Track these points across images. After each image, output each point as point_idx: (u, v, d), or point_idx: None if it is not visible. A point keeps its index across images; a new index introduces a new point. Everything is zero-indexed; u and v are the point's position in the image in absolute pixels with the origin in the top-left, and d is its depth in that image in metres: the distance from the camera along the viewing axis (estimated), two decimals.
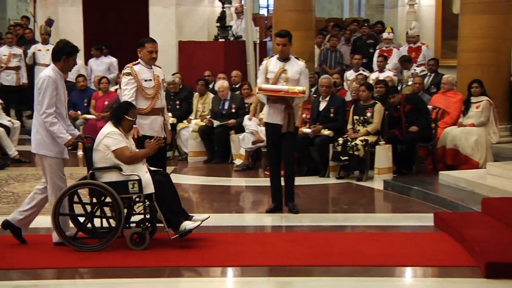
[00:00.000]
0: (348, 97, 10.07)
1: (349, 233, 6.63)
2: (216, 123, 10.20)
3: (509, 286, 4.93)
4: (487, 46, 9.85)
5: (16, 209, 6.01)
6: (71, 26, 13.70)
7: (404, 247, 5.83)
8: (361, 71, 11.29)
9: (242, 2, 14.25)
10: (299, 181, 8.85)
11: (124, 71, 6.63)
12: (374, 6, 18.50)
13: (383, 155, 8.82)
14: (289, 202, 7.11)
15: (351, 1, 24.03)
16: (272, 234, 6.41)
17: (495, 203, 6.46)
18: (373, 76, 10.98)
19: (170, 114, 9.03)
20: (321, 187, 8.63)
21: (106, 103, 11.17)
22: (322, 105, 9.31)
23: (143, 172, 5.79)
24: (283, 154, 7.08)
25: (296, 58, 7.05)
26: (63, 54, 5.79)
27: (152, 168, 6.01)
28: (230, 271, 5.40)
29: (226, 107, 10.37)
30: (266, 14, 19.06)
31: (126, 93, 6.49)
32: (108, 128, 5.89)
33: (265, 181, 8.32)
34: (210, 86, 11.39)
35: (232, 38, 12.93)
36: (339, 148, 8.84)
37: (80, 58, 12.87)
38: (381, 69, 11.15)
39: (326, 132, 9.07)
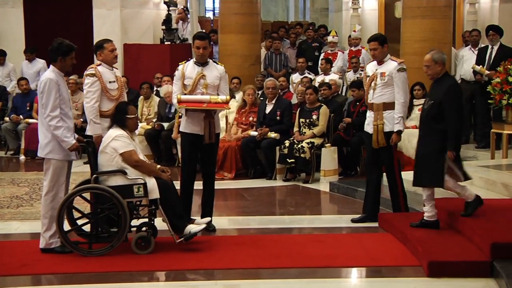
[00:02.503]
0: (294, 100, 10.15)
1: (296, 235, 6.69)
2: (165, 125, 10.15)
3: (451, 285, 5.06)
4: (428, 49, 10.04)
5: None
6: (12, 28, 13.38)
7: (349, 248, 5.91)
8: (306, 74, 11.40)
9: (188, 4, 14.21)
10: (246, 183, 8.92)
11: (88, 72, 6.40)
12: (319, 10, 18.72)
13: (329, 157, 8.93)
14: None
15: (296, 4, 24.24)
16: (219, 237, 6.40)
17: (437, 204, 6.60)
18: (318, 79, 11.07)
19: None
20: (268, 190, 8.68)
21: None
22: (269, 108, 9.38)
23: (148, 176, 5.78)
24: (204, 167, 6.63)
25: (214, 62, 6.65)
26: (58, 54, 5.70)
27: None
28: (176, 274, 5.36)
29: (172, 110, 10.34)
30: (212, 17, 19.03)
31: (90, 96, 6.28)
32: (115, 131, 5.85)
33: (220, 184, 8.33)
34: (158, 89, 11.33)
35: (178, 41, 12.89)
36: (285, 151, 8.91)
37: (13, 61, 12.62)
38: (326, 72, 11.27)
39: (272, 134, 9.14)
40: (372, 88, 6.65)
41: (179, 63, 6.66)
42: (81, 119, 10.15)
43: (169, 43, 12.80)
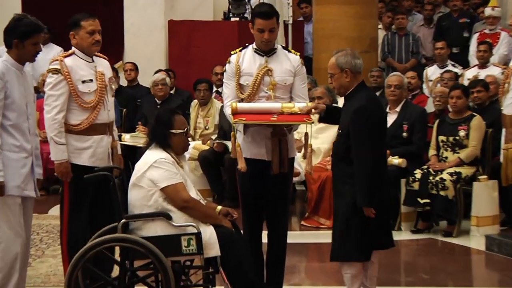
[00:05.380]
0: (430, 107, 10.08)
1: None
2: (230, 146, 10.23)
3: None
4: None
5: None
6: (7, 2, 13.80)
7: None
8: (449, 67, 11.31)
9: None
10: None
11: (50, 66, 6.50)
12: None
13: (485, 196, 8.85)
14: None
15: None
16: None
17: None
18: (469, 74, 10.98)
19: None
20: None
21: None
22: (390, 119, 9.30)
23: (204, 223, 5.85)
24: (270, 208, 6.57)
25: (285, 49, 6.65)
26: (15, 36, 5.82)
27: None
28: None
29: None
30: None
31: (51, 102, 6.39)
32: (155, 154, 5.91)
33: (302, 236, 8.36)
34: (220, 90, 11.43)
35: (251, 17, 13.04)
36: (415, 186, 8.90)
37: None
38: (483, 64, 11.14)
39: (395, 160, 9.11)
40: (506, 91, 6.54)
41: (231, 53, 6.66)
42: None
43: (237, 19, 12.92)
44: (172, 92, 11.56)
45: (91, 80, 6.49)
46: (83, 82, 6.45)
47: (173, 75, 11.94)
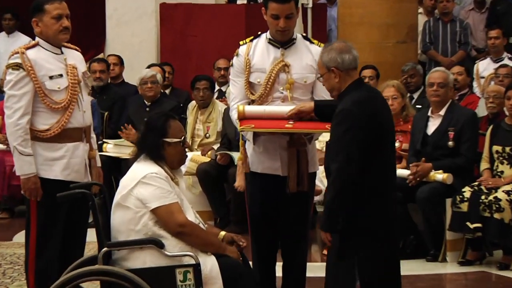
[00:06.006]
0: (482, 110, 10.01)
1: None
2: (235, 157, 10.14)
3: None
4: None
5: None
6: None
7: None
8: (506, 60, 11.26)
9: None
10: None
11: (10, 61, 6.49)
12: None
13: None
14: None
15: None
16: None
17: None
18: None
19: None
20: (432, 280, 8.68)
21: None
22: (433, 125, 9.37)
23: (203, 252, 5.86)
24: (285, 233, 6.66)
25: (306, 39, 6.73)
26: None
27: None
28: None
29: None
30: None
31: (12, 104, 6.38)
32: (145, 167, 5.93)
33: (324, 268, 8.26)
34: (223, 88, 11.40)
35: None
36: (464, 207, 8.84)
37: None
38: None
39: (439, 175, 9.09)
40: None
41: (240, 43, 6.70)
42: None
43: (244, 1, 12.94)
44: (167, 91, 11.51)
45: (61, 75, 6.49)
46: (51, 77, 6.43)
47: (172, 71, 11.88)
